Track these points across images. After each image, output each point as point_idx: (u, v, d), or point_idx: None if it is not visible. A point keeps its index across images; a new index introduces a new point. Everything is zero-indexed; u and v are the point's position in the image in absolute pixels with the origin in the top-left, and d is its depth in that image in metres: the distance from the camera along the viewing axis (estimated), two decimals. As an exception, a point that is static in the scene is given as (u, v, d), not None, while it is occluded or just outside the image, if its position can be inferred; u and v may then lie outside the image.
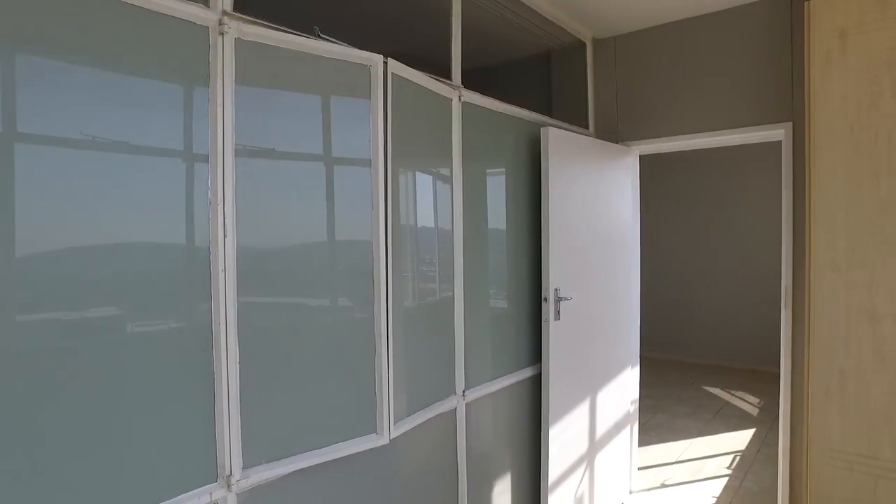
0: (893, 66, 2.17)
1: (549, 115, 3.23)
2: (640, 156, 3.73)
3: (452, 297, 2.38)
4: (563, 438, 2.85)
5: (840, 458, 2.31)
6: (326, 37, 1.88)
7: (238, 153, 1.62)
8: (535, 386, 2.85)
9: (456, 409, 2.40)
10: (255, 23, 1.65)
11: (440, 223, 2.37)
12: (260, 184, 1.69)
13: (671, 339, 7.15)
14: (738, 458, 4.10)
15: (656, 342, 7.16)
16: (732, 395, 5.62)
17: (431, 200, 2.34)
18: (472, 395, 2.48)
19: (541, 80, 3.68)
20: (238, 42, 1.60)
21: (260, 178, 1.70)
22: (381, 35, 2.70)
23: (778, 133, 2.99)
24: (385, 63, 1.96)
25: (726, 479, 3.76)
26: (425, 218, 2.32)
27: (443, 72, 2.46)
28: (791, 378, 2.86)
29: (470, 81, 2.59)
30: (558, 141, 2.79)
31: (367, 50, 1.93)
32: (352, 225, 1.93)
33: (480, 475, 2.59)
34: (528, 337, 2.84)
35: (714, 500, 3.47)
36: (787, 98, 2.93)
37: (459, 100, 2.41)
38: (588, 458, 3.04)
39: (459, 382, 2.40)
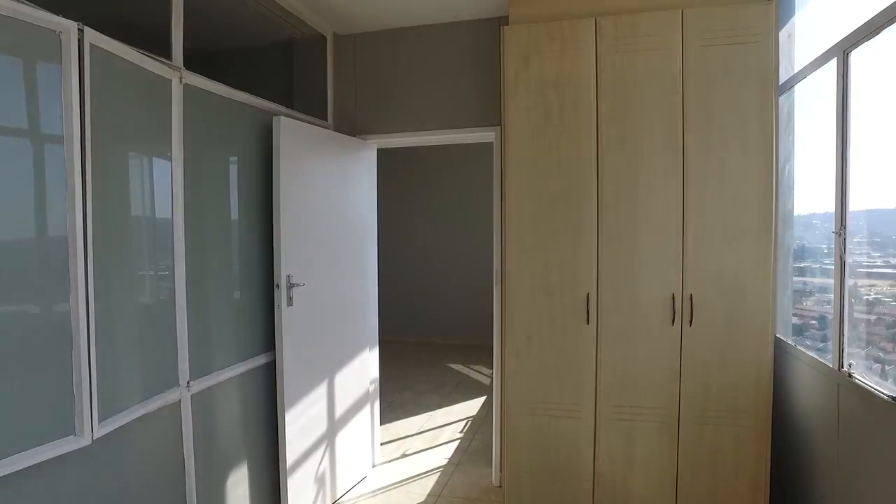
0: (559, 87, 2.69)
1: (290, 105, 3.26)
2: (387, 150, 3.99)
3: (173, 287, 2.27)
4: (301, 421, 2.93)
5: (526, 406, 2.81)
6: (2, -9, 1.65)
7: None
8: (271, 372, 2.87)
9: (180, 400, 2.31)
10: None
11: (159, 211, 2.25)
12: None
13: (421, 322, 7.76)
14: (469, 422, 4.65)
15: (407, 327, 7.69)
16: (471, 368, 6.33)
17: (147, 188, 2.20)
18: (199, 385, 2.41)
19: (282, 70, 3.68)
20: None
21: None
22: (101, 4, 2.43)
23: (491, 135, 3.47)
24: (81, 31, 1.79)
25: (458, 441, 4.24)
26: (140, 206, 2.17)
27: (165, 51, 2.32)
28: (501, 345, 3.35)
29: (205, 65, 2.49)
30: (291, 131, 2.84)
31: (78, 17, 1.74)
32: (41, 210, 1.72)
33: (213, 467, 2.53)
34: (262, 324, 2.84)
35: (446, 460, 3.89)
36: (497, 105, 3.41)
37: (181, 82, 2.30)
38: (328, 438, 3.17)
39: (183, 373, 2.31)
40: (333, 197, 3.23)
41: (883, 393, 1.85)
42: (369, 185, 3.67)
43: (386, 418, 4.61)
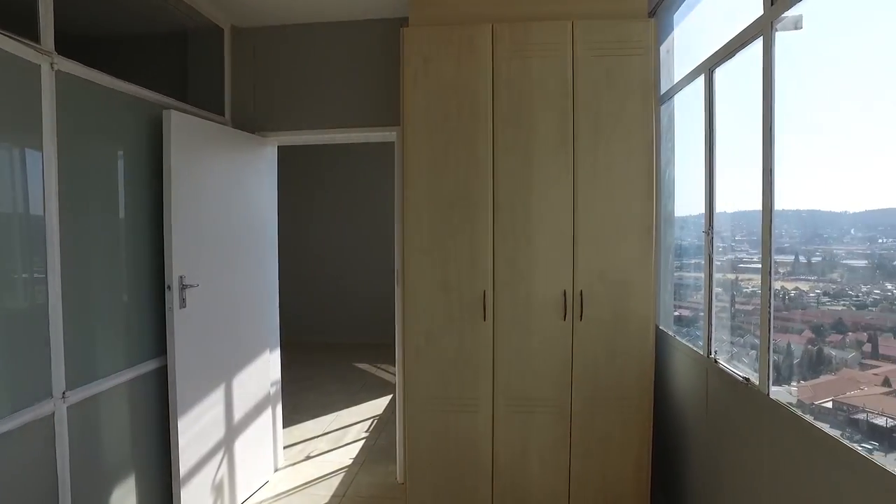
0: (457, 90, 2.76)
1: (184, 99, 3.10)
2: (291, 148, 3.89)
3: (46, 290, 2.11)
4: (196, 428, 2.81)
5: (427, 402, 2.86)
6: None
7: None
8: (163, 377, 2.73)
9: (54, 413, 2.14)
10: None
11: (30, 207, 2.08)
12: None
13: (327, 323, 7.65)
14: (375, 421, 4.65)
15: (314, 327, 7.56)
16: (378, 368, 6.33)
17: (16, 182, 2.03)
18: (78, 395, 2.26)
19: (175, 61, 3.50)
20: None
21: None
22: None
23: (393, 135, 3.49)
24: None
25: (364, 441, 4.23)
26: (6, 202, 2.00)
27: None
28: (402, 343, 3.38)
29: (89, 53, 2.32)
30: (183, 125, 2.72)
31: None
32: None
33: (94, 482, 2.38)
34: (153, 327, 2.70)
35: (351, 460, 3.87)
36: (398, 105, 3.43)
37: (52, 68, 2.14)
38: (226, 444, 3.07)
39: (58, 383, 2.15)
40: (230, 195, 3.12)
41: (739, 376, 2.07)
42: (269, 183, 3.57)
43: (290, 421, 4.51)
